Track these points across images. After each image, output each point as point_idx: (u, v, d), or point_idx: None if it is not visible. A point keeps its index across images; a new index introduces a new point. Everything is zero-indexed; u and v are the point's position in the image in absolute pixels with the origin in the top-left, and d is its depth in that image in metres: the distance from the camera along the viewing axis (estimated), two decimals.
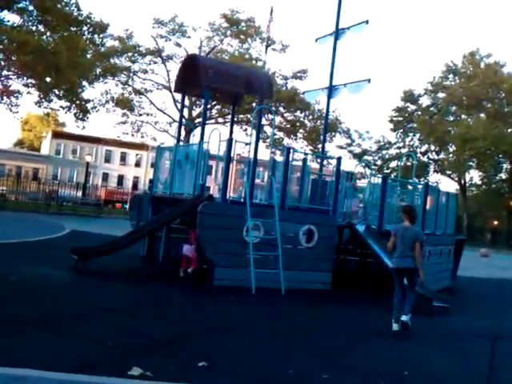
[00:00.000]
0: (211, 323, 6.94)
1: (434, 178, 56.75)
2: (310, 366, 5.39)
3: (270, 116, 33.38)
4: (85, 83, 34.16)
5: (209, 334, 6.31)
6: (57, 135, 68.62)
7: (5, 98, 32.69)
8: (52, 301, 7.23)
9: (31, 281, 8.44)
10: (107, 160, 70.20)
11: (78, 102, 33.51)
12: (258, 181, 13.29)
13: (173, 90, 31.45)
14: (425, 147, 58.20)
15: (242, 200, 10.88)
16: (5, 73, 32.15)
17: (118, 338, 5.57)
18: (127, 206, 26.37)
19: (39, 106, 33.68)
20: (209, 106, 35.54)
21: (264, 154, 50.26)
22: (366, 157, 56.92)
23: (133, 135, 43.83)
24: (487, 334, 7.93)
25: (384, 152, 59.09)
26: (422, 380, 5.32)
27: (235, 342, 6.07)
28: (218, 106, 40.82)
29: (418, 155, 54.66)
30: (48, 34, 30.45)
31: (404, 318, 7.35)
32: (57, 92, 32.23)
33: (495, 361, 6.22)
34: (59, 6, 28.96)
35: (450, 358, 6.37)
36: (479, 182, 59.02)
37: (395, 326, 7.41)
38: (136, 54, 41.58)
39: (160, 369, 4.65)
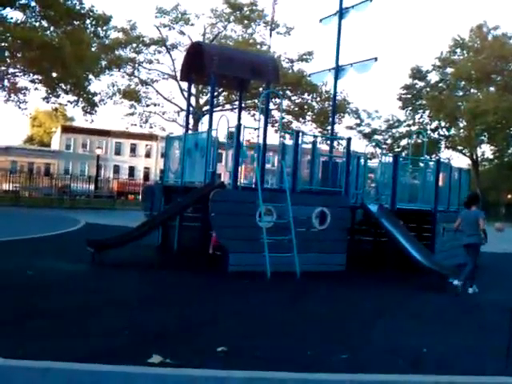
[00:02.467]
0: (228, 309, 7.00)
1: (445, 154, 56.19)
2: (329, 346, 5.42)
3: (278, 100, 33.25)
4: (91, 76, 34.20)
5: (226, 320, 6.36)
6: (66, 130, 68.90)
7: (13, 95, 32.87)
8: (70, 293, 7.30)
9: (49, 275, 8.54)
10: (117, 152, 70.42)
11: (85, 95, 33.61)
12: (268, 166, 13.28)
13: (179, 78, 31.40)
14: (435, 124, 57.59)
15: (254, 185, 10.89)
16: (11, 70, 32.29)
17: (136, 327, 5.63)
18: (140, 197, 26.59)
19: (47, 102, 33.88)
20: (216, 93, 35.43)
21: (273, 138, 50.15)
22: (375, 136, 56.56)
23: (141, 126, 43.87)
24: (505, 309, 7.91)
25: (394, 130, 58.57)
26: (440, 357, 5.33)
27: (253, 327, 6.11)
28: (224, 93, 40.68)
29: (429, 132, 54.11)
30: (51, 29, 30.48)
31: (456, 282, 8.97)
32: (64, 87, 32.35)
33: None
34: (61, 0, 28.94)
35: (468, 333, 6.39)
36: (491, 157, 58.42)
37: (470, 290, 9.15)
38: (140, 45, 41.46)
39: (179, 355, 4.70)
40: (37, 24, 30.26)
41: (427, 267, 10.43)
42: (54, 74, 31.25)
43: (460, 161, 61.39)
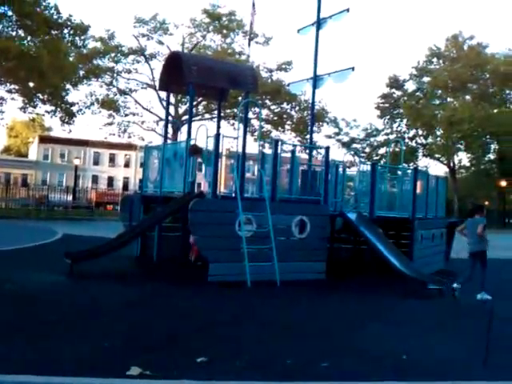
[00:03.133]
0: (208, 318, 6.95)
1: (423, 162, 56.87)
2: (309, 354, 5.42)
3: (257, 109, 33.37)
4: (69, 86, 33.98)
5: (207, 329, 6.33)
6: (44, 140, 68.28)
7: None
8: (48, 305, 7.21)
9: (27, 287, 8.40)
10: (96, 162, 69.96)
11: (62, 105, 33.36)
12: (248, 175, 13.30)
13: (157, 88, 31.32)
14: (412, 132, 58.32)
15: (233, 195, 10.89)
16: None
17: (115, 339, 5.57)
18: (118, 207, 26.48)
19: (24, 112, 33.53)
20: (195, 103, 35.44)
21: (253, 147, 50.21)
22: (354, 145, 57.06)
23: (119, 136, 43.65)
24: (483, 315, 7.99)
25: (372, 139, 59.17)
26: (420, 363, 5.37)
27: (233, 336, 6.08)
28: (204, 102, 40.70)
29: (406, 140, 54.76)
30: (28, 38, 30.20)
31: (478, 296, 9.29)
32: (41, 96, 32.07)
33: (492, 341, 6.27)
34: (38, 9, 28.73)
35: (446, 339, 6.43)
36: (468, 164, 59.34)
37: (479, 296, 9.36)
38: (119, 54, 41.32)
39: (159, 366, 4.67)
40: (13, 33, 29.99)
41: (406, 274, 10.51)
42: (31, 84, 30.97)
43: (437, 169, 62.22)
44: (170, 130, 33.07)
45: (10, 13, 28.98)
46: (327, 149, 12.19)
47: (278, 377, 4.64)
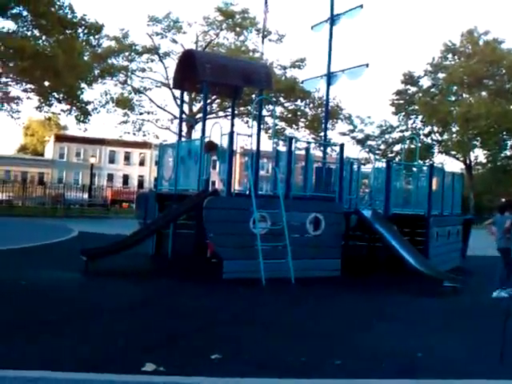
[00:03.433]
0: (223, 316, 6.98)
1: (438, 159, 56.30)
2: (323, 352, 5.41)
3: (271, 107, 33.34)
4: (84, 85, 34.14)
5: (221, 326, 6.35)
6: (59, 139, 68.78)
7: (5, 104, 32.80)
8: (63, 303, 7.25)
9: (43, 284, 8.49)
10: (111, 160, 70.35)
11: (78, 104, 33.51)
12: (262, 172, 13.29)
13: (171, 86, 31.41)
14: (428, 129, 57.79)
15: (248, 192, 10.89)
16: (3, 80, 32.19)
17: (130, 335, 5.61)
18: (134, 205, 26.65)
19: (40, 111, 33.77)
20: (209, 101, 35.46)
21: (267, 144, 50.18)
22: (369, 142, 56.69)
23: (134, 134, 43.76)
24: (499, 313, 7.91)
25: (387, 136, 58.68)
26: (435, 361, 5.33)
27: (248, 333, 6.10)
28: (218, 100, 40.70)
29: (422, 137, 54.27)
30: (43, 38, 30.43)
31: (494, 294, 9.19)
32: (56, 96, 32.26)
33: (508, 340, 6.20)
34: (53, 9, 28.92)
35: (462, 337, 6.39)
36: (484, 161, 58.67)
37: (494, 294, 9.25)
38: (133, 53, 41.46)
39: (174, 363, 4.68)
40: (28, 33, 30.23)
41: (421, 272, 10.44)
42: (47, 83, 31.19)
43: (453, 165, 61.59)
44: (184, 128, 33.11)
45: (24, 13, 29.21)
46: (342, 146, 12.16)
47: (293, 374, 4.64)
